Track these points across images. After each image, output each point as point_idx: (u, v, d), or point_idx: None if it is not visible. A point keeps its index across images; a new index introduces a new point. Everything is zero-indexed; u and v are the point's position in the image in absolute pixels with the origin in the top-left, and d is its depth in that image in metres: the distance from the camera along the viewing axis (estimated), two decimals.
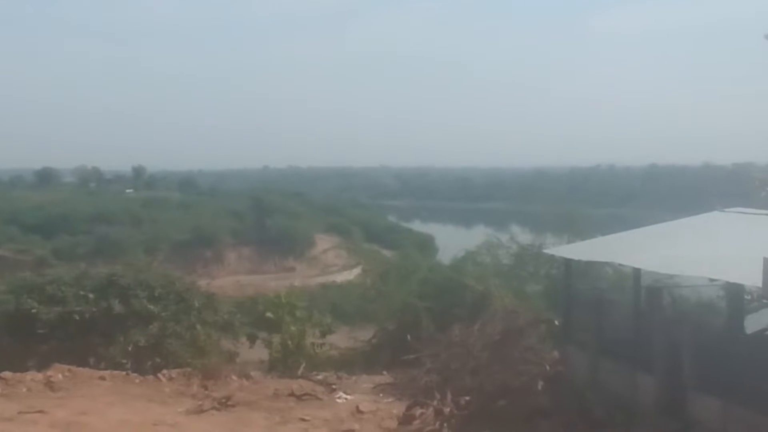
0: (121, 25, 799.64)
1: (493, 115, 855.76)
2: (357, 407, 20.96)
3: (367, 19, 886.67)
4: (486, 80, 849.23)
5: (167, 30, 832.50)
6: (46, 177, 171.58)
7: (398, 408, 20.68)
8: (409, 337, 26.02)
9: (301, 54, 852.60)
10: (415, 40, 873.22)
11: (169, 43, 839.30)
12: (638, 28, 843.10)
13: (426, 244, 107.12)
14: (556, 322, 23.77)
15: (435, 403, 20.13)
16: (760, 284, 13.89)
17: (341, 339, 30.61)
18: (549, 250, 29.46)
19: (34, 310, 25.57)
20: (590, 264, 23.79)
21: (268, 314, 29.29)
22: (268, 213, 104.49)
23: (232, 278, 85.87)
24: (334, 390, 22.65)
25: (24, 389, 21.34)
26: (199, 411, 20.43)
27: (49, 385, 21.79)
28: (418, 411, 20.00)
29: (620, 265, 22.23)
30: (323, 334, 29.20)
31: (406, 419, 19.78)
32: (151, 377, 23.33)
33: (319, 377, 24.09)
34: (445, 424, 19.28)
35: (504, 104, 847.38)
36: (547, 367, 21.87)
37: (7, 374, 22.20)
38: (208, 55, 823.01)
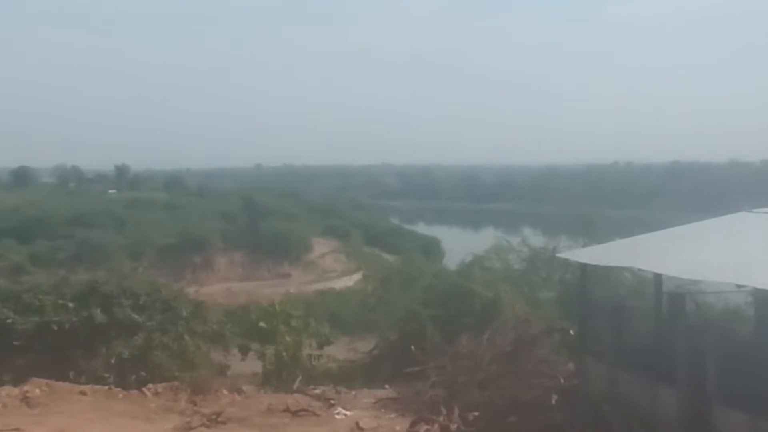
0: (103, 13, 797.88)
1: (503, 109, 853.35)
2: (357, 424, 20.97)
3: (368, 9, 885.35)
4: (494, 73, 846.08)
5: (154, 19, 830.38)
6: (22, 176, 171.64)
7: (401, 425, 20.70)
8: (412, 348, 26.04)
9: (298, 46, 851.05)
10: (418, 30, 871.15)
11: (155, 33, 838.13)
12: (656, 14, 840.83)
13: (431, 248, 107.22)
14: (571, 332, 23.80)
15: (441, 419, 20.14)
16: None
17: (340, 350, 30.65)
18: (563, 255, 29.46)
19: (9, 321, 25.56)
20: (608, 269, 23.80)
21: (262, 324, 29.29)
22: (262, 215, 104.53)
23: (222, 285, 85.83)
24: (332, 405, 22.67)
25: None
26: (188, 428, 20.43)
27: (26, 400, 21.76)
28: (422, 428, 20.02)
29: (640, 270, 22.25)
30: (321, 345, 29.19)
31: None
32: (135, 392, 23.33)
33: (317, 391, 24.13)
34: None
35: (514, 98, 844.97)
36: (562, 380, 21.89)
37: None
38: (197, 47, 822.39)
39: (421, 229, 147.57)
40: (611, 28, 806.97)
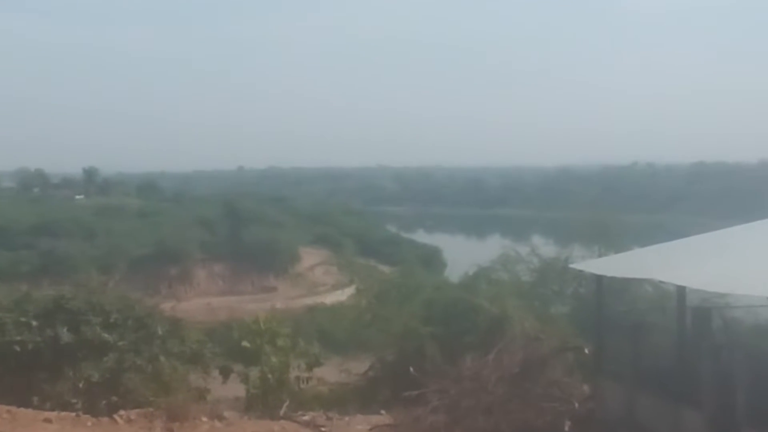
0: (69, 3, 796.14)
1: (509, 106, 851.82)
2: None
3: (362, 1, 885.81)
4: (500, 68, 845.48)
5: (125, 9, 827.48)
6: None
7: None
8: (411, 369, 26.07)
9: (285, 40, 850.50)
10: (416, 22, 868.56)
11: (126, 24, 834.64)
12: (679, 4, 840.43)
13: (431, 259, 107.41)
14: (586, 351, 23.85)
15: None
16: None
17: (331, 372, 30.66)
18: (577, 265, 29.52)
19: None
20: (626, 281, 23.86)
21: (245, 343, 29.27)
22: (244, 222, 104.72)
23: (201, 300, 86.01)
24: None
25: None
26: None
27: None
28: None
29: (661, 282, 22.27)
30: (310, 367, 29.18)
31: None
32: (106, 419, 23.33)
33: (306, 418, 24.17)
34: None
35: (522, 94, 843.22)
36: (576, 404, 21.94)
37: None
38: (173, 39, 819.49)
39: (421, 237, 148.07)
40: (626, 20, 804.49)
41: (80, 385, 25.23)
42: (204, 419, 23.49)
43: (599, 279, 23.43)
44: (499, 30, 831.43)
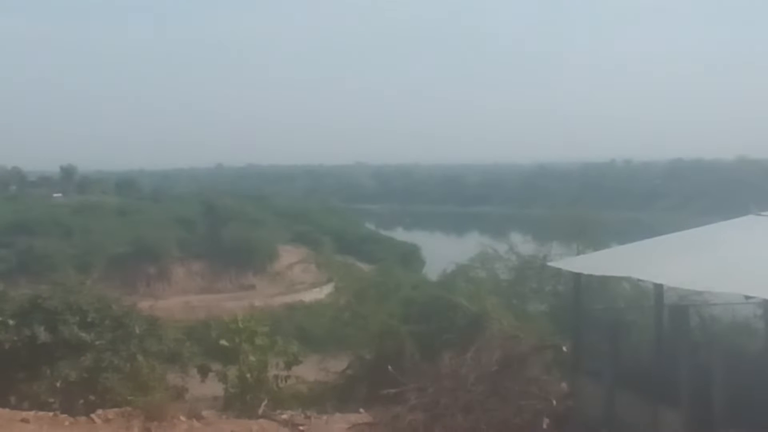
0: None
1: (488, 102, 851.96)
2: None
3: None
4: (479, 63, 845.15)
5: (99, 4, 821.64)
6: None
7: None
8: (390, 367, 26.05)
9: (262, 30, 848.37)
10: (392, 14, 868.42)
11: (100, 17, 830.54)
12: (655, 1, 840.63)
13: (410, 256, 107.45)
14: (564, 349, 23.87)
15: None
16: None
17: (310, 370, 30.63)
18: (555, 263, 29.52)
19: None
20: (604, 279, 23.91)
21: (223, 342, 29.19)
22: (223, 220, 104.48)
23: (180, 299, 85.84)
24: (302, 431, 22.69)
25: None
26: None
27: None
28: None
29: (639, 280, 22.32)
30: (288, 365, 29.12)
31: None
32: (83, 418, 23.27)
33: (284, 416, 24.13)
34: None
35: (501, 90, 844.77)
36: (554, 402, 21.96)
37: None
38: (150, 32, 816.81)
39: (400, 235, 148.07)
40: (605, 16, 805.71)
41: (57, 385, 25.18)
42: (182, 418, 23.44)
43: (577, 277, 23.46)
44: (475, 27, 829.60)
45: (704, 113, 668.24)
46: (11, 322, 25.91)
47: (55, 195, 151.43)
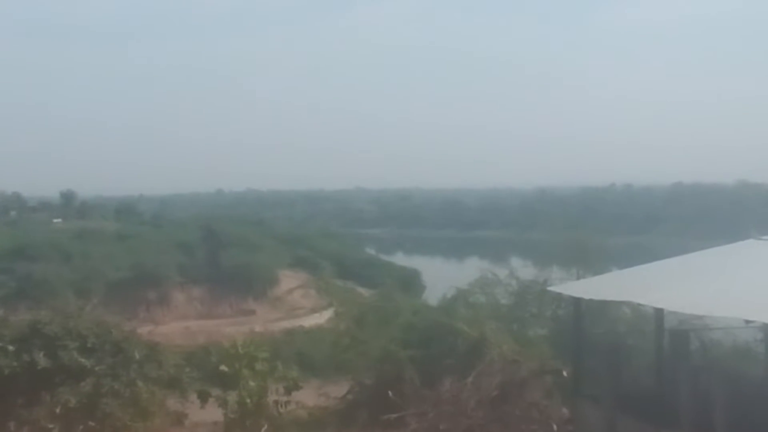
0: (38, 18, 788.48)
1: (488, 126, 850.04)
2: None
3: (339, 12, 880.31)
4: (478, 86, 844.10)
5: (96, 27, 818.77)
6: None
7: None
8: (390, 392, 26.06)
9: (260, 57, 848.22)
10: (393, 38, 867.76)
11: (98, 42, 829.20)
12: (658, 19, 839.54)
13: (410, 281, 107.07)
14: (565, 373, 23.88)
15: None
16: None
17: (310, 395, 30.56)
18: (555, 288, 29.63)
19: None
20: (604, 304, 23.92)
21: (223, 367, 29.15)
22: (223, 245, 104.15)
23: (180, 324, 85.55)
24: None
25: None
26: None
27: None
28: None
29: (639, 304, 22.33)
30: (289, 391, 29.06)
31: None
32: None
33: None
34: None
35: (499, 114, 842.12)
36: (555, 427, 21.96)
37: None
38: (149, 57, 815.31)
39: (400, 259, 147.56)
40: (606, 35, 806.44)
41: (57, 411, 25.11)
42: None
43: (577, 301, 23.48)
44: (473, 52, 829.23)
45: (704, 137, 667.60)
46: (11, 347, 25.85)
47: (54, 220, 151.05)
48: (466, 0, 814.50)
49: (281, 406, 28.27)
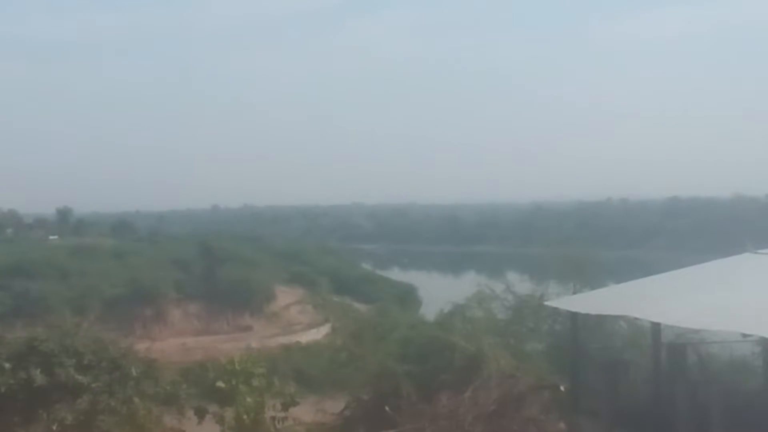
0: (31, 38, 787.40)
1: (484, 140, 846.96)
2: None
3: (335, 27, 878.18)
4: (475, 99, 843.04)
5: (88, 44, 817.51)
6: None
7: None
8: (387, 408, 26.04)
9: (257, 70, 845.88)
10: (389, 53, 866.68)
11: (91, 59, 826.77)
12: (654, 34, 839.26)
13: (407, 296, 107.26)
14: (562, 388, 23.87)
15: None
16: None
17: (307, 411, 30.53)
18: (552, 302, 29.60)
19: None
20: (601, 318, 23.93)
21: (219, 383, 29.12)
22: (220, 261, 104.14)
23: (176, 340, 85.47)
24: None
25: None
26: None
27: None
28: None
29: (636, 319, 22.35)
30: (286, 407, 29.02)
31: None
32: None
33: None
34: None
35: (495, 128, 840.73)
36: None
37: None
38: (145, 74, 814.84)
39: (396, 275, 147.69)
40: (602, 50, 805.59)
41: (54, 428, 25.08)
42: None
43: (574, 316, 23.52)
44: (470, 66, 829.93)
45: (701, 150, 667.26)
46: (7, 365, 25.82)
47: (51, 237, 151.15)
48: (459, 15, 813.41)
49: (278, 422, 28.23)
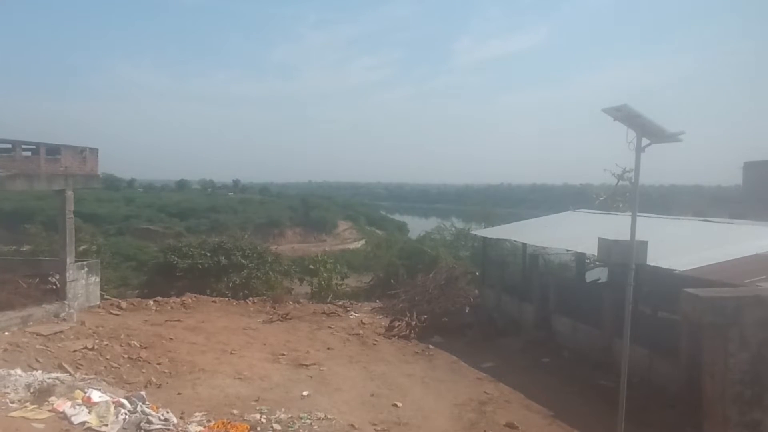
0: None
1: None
2: (362, 320, 21.15)
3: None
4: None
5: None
6: (181, 185, 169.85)
7: (385, 321, 20.90)
8: (392, 281, 26.25)
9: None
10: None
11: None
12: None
13: (402, 227, 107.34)
14: (477, 273, 23.96)
15: (406, 318, 20.34)
16: (595, 253, 14.08)
17: (352, 281, 30.73)
18: (474, 231, 29.63)
19: (174, 262, 25.77)
20: (497, 240, 23.98)
21: (311, 266, 29.38)
22: (311, 207, 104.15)
23: (289, 245, 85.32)
24: (348, 310, 22.85)
25: (168, 307, 21.48)
26: (270, 321, 20.62)
27: (183, 305, 21.92)
28: (396, 323, 20.23)
29: (515, 241, 22.42)
30: (342, 278, 29.33)
31: (389, 328, 20.01)
32: (243, 302, 23.47)
33: (340, 303, 24.28)
34: (412, 332, 19.51)
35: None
36: (472, 299, 22.10)
37: (158, 298, 22.38)
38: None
39: (398, 217, 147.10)
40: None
41: (230, 285, 25.38)
42: (290, 303, 23.61)
43: (485, 239, 23.57)
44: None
45: (554, 150, 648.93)
46: (208, 254, 26.14)
47: (229, 194, 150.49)
48: None
49: (339, 285, 28.49)
